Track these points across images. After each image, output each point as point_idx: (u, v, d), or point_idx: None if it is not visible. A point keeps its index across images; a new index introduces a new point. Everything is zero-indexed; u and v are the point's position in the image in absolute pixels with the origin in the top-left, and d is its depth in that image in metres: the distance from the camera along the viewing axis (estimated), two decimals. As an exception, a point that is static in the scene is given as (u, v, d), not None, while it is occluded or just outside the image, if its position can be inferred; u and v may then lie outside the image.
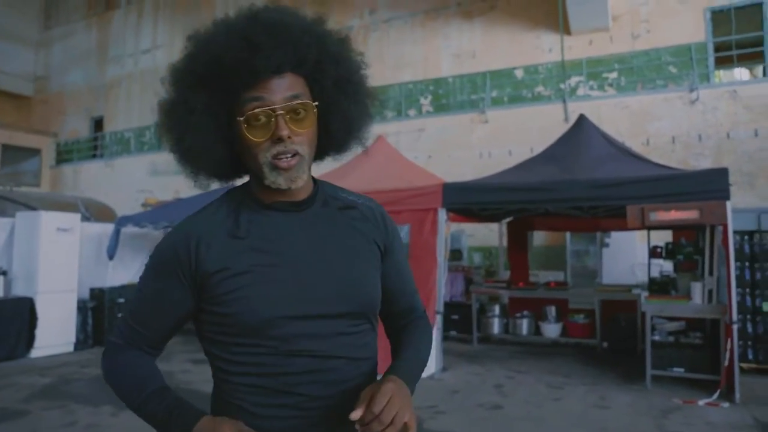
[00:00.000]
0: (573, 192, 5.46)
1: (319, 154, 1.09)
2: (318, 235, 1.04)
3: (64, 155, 18.84)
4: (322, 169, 1.59)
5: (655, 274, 7.60)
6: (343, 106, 1.04)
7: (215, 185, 1.14)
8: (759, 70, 11.73)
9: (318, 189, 1.09)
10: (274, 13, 0.99)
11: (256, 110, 0.95)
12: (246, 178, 1.11)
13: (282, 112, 0.95)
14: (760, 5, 10.30)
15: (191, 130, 0.99)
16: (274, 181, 0.98)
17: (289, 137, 0.95)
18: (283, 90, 0.96)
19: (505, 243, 8.94)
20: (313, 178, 1.10)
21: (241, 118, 0.96)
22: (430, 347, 1.16)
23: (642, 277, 8.73)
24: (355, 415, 0.87)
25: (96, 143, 18.39)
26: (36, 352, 6.86)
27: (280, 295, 0.97)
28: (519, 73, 12.17)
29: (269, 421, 0.98)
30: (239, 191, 1.08)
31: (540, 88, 11.99)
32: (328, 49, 1.01)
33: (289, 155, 0.96)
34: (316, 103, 1.00)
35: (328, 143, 1.07)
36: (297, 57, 0.97)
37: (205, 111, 0.98)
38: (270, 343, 0.97)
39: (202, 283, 0.99)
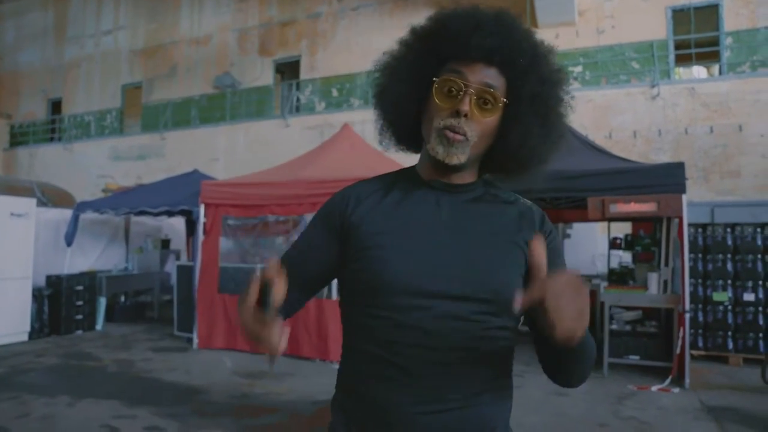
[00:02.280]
0: (536, 183, 5.54)
1: (491, 165, 1.11)
2: (462, 220, 1.05)
3: (19, 137, 18.12)
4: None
5: (614, 264, 7.82)
6: (528, 122, 1.03)
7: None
8: (715, 68, 12.11)
9: (480, 183, 1.11)
10: (505, 13, 1.04)
11: (452, 79, 1.00)
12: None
13: (472, 91, 0.99)
14: (716, 6, 10.62)
15: (395, 76, 1.08)
16: (434, 148, 1.02)
17: (466, 115, 0.99)
18: (483, 76, 1.00)
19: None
20: (483, 178, 1.13)
21: (436, 80, 1.02)
22: (594, 352, 1.03)
23: (602, 268, 8.97)
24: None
25: (54, 126, 17.76)
26: (-12, 341, 6.64)
27: (405, 264, 1.00)
28: (486, 65, 12.26)
29: (367, 386, 1.02)
30: (406, 169, 1.15)
31: (507, 81, 12.11)
32: (539, 65, 1.03)
33: (458, 132, 0.99)
34: (505, 100, 1.02)
35: (501, 153, 1.07)
36: (509, 55, 1.00)
37: (413, 64, 1.06)
38: (386, 307, 0.99)
39: (348, 234, 1.06)
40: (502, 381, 1.07)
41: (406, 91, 1.06)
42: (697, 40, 10.78)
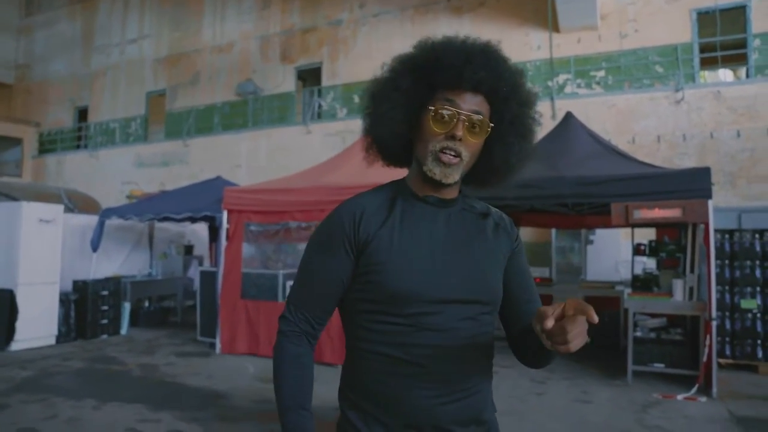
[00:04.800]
0: (559, 189, 5.50)
1: (473, 179, 1.26)
2: (456, 231, 1.21)
3: (47, 145, 18.56)
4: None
5: (638, 271, 7.70)
6: (509, 142, 1.20)
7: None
8: (742, 71, 11.88)
9: (461, 196, 1.27)
10: (491, 46, 1.18)
11: (446, 107, 1.14)
12: (405, 173, 1.30)
13: (464, 118, 1.13)
14: (743, 8, 10.43)
15: (389, 102, 1.18)
16: (431, 169, 1.15)
17: (460, 139, 1.13)
18: (472, 104, 1.14)
19: (491, 239, 8.97)
20: (461, 192, 1.29)
21: (432, 108, 1.15)
22: None
23: (626, 274, 8.83)
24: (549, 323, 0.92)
25: (80, 134, 18.14)
26: (16, 345, 6.77)
27: (416, 276, 1.14)
28: (507, 70, 12.20)
29: (386, 384, 1.14)
30: (398, 183, 1.28)
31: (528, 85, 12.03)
32: (518, 92, 1.19)
33: (453, 153, 1.14)
34: (492, 125, 1.17)
35: (484, 169, 1.23)
36: (494, 85, 1.15)
37: (406, 92, 1.18)
38: (401, 314, 1.13)
39: (361, 248, 1.17)
40: (490, 369, 1.24)
41: (401, 116, 1.18)
42: (723, 42, 10.59)
